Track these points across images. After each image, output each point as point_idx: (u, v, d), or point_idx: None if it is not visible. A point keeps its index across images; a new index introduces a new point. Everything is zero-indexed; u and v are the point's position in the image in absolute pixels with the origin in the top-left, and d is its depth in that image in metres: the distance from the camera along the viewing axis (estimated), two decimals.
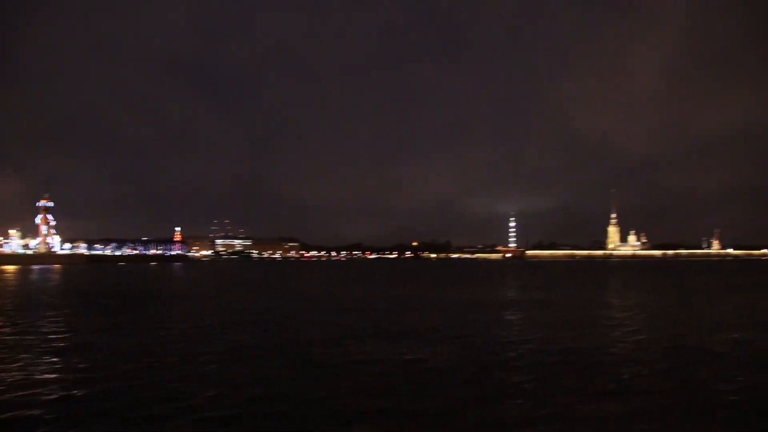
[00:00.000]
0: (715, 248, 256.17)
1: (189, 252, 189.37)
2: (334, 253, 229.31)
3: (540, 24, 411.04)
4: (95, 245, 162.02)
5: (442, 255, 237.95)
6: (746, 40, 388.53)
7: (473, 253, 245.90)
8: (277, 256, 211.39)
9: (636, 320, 16.05)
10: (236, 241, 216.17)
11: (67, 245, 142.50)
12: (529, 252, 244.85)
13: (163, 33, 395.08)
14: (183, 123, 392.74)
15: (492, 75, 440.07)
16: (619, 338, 12.41)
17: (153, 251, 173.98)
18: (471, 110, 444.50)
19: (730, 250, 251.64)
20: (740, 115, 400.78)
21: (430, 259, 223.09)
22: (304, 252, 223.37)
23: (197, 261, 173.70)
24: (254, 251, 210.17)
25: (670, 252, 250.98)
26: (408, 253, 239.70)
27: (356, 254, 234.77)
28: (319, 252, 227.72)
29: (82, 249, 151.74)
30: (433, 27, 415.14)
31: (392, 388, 7.53)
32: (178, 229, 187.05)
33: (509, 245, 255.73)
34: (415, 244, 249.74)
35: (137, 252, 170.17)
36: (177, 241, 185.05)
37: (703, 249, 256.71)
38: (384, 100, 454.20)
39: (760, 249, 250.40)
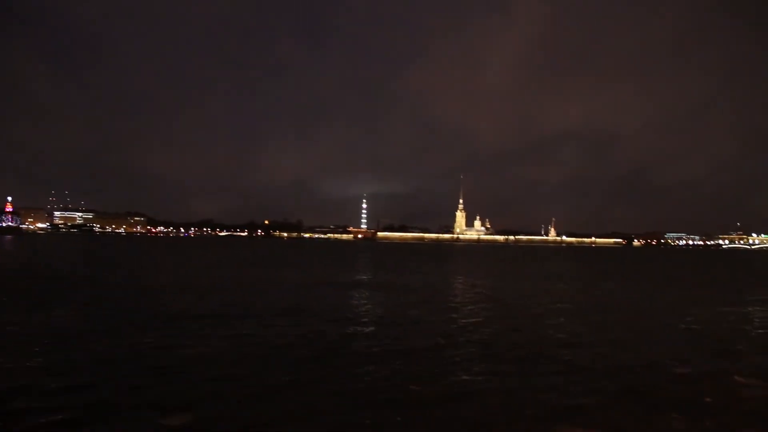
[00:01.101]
0: (552, 235, 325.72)
1: (23, 224, 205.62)
2: (183, 230, 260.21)
3: (403, 9, 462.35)
4: None
5: (294, 234, 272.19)
6: (595, 44, 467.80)
7: (325, 233, 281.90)
8: (121, 231, 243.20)
9: (477, 300, 18.20)
10: (77, 214, 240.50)
11: None
12: (381, 234, 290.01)
13: None
14: (19, 82, 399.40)
15: (351, 57, 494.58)
16: (464, 316, 13.96)
17: None
18: (328, 90, 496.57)
19: (565, 237, 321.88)
20: (579, 114, 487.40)
21: (281, 238, 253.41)
22: (151, 227, 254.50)
23: (32, 234, 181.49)
24: (97, 225, 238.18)
25: (512, 237, 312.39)
26: (259, 232, 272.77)
27: (206, 231, 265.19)
28: (168, 228, 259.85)
29: None
30: (295, 4, 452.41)
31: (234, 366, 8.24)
32: (9, 198, 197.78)
33: (361, 226, 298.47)
34: (266, 222, 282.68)
35: None
36: (8, 212, 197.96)
37: (541, 236, 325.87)
38: (240, 75, 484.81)
39: (590, 237, 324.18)
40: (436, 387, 7.56)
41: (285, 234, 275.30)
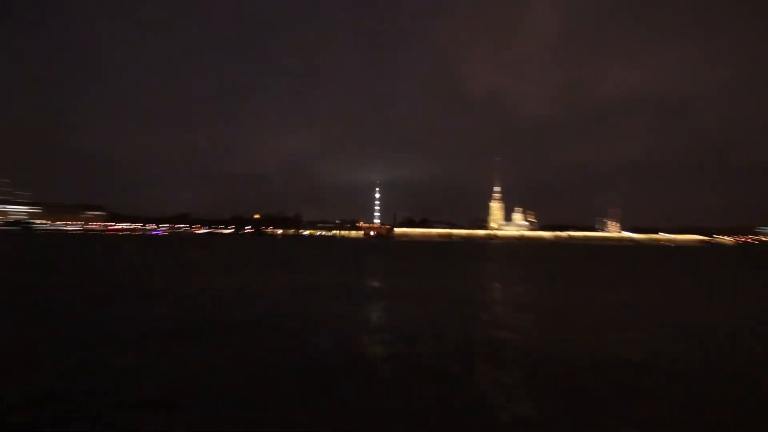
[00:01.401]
0: (614, 231, 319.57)
1: None
2: (154, 225, 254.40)
3: None
4: None
5: (291, 231, 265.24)
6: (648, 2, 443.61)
7: (330, 229, 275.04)
8: (76, 227, 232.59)
9: (523, 311, 17.83)
10: (18, 208, 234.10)
11: None
12: (398, 230, 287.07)
13: None
14: None
15: (357, 15, 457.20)
16: (506, 331, 13.96)
17: None
18: (328, 56, 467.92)
19: (632, 234, 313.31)
20: (643, 79, 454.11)
21: (275, 235, 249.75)
22: (112, 223, 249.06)
23: None
24: (45, 221, 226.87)
25: (563, 234, 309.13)
26: (248, 228, 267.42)
27: (182, 228, 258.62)
28: (133, 224, 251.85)
29: None
30: None
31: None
32: None
33: (374, 221, 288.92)
34: (257, 216, 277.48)
35: None
36: None
37: (598, 231, 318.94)
38: (220, 39, 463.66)
39: (657, 232, 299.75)
40: (474, 418, 7.29)
41: (280, 231, 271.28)
